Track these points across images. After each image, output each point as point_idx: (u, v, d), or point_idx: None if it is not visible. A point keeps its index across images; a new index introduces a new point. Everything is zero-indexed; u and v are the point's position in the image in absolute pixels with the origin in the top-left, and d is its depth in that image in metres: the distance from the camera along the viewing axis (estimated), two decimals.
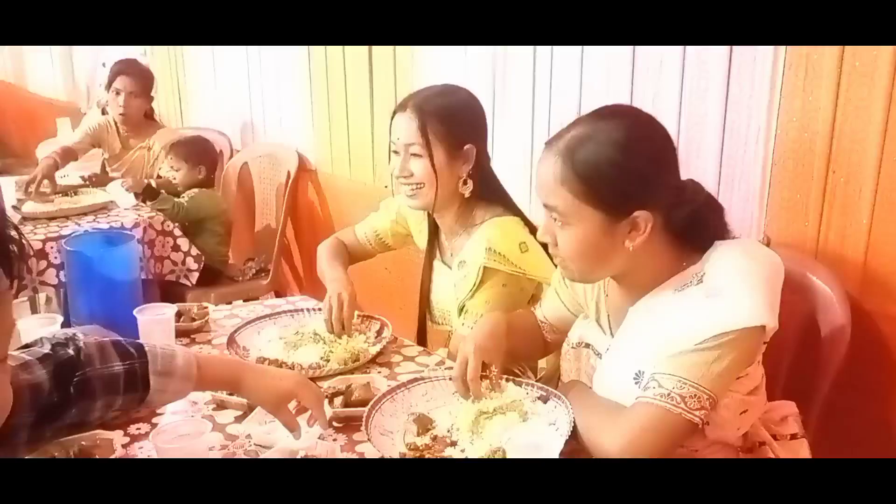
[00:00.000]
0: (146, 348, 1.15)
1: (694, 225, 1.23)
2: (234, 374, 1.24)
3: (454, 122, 1.63)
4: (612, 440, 1.17)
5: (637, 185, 1.17)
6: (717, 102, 1.70)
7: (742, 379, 1.23)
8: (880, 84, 1.41)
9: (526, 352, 1.55)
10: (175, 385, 1.16)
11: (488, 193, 1.69)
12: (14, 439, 0.97)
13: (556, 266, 1.53)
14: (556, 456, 1.18)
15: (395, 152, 1.67)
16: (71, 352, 1.07)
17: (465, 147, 1.64)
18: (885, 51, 1.40)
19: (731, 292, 1.16)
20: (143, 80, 3.26)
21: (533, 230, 1.67)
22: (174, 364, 1.16)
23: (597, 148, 1.16)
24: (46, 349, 1.06)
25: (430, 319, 1.83)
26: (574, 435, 1.23)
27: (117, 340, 1.16)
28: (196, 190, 2.97)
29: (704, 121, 1.73)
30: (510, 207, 1.70)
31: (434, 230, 1.80)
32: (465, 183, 1.65)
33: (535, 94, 2.13)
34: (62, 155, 3.17)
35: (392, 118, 1.67)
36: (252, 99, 3.42)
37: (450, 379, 1.39)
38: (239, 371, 1.26)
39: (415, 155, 1.63)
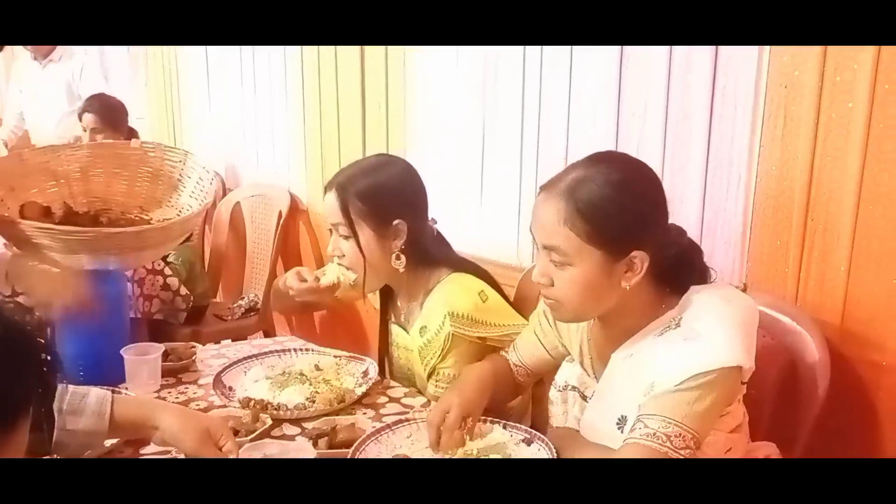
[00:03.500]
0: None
1: (676, 267, 1.27)
2: (152, 412, 1.26)
3: (378, 201, 1.60)
4: None
5: (636, 225, 1.22)
6: (699, 149, 1.74)
7: (724, 417, 1.26)
8: (856, 135, 1.45)
9: (501, 399, 1.54)
10: (85, 422, 1.15)
11: (432, 259, 1.67)
12: None
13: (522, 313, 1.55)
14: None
15: (329, 230, 1.67)
16: None
17: (395, 223, 1.61)
18: (860, 103, 1.44)
19: (708, 335, 1.19)
20: (106, 114, 3.25)
21: (485, 276, 1.67)
22: (84, 402, 1.16)
23: (598, 189, 1.20)
24: None
25: (392, 379, 1.77)
26: None
27: None
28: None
29: (687, 167, 1.77)
30: (457, 265, 1.67)
31: (387, 294, 1.78)
32: (398, 258, 1.63)
33: (524, 138, 2.17)
34: None
35: (323, 196, 1.66)
36: (245, 138, 3.46)
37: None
38: (157, 409, 1.28)
39: (343, 236, 1.63)
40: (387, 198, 1.61)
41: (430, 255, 1.67)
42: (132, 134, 3.43)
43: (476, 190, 2.35)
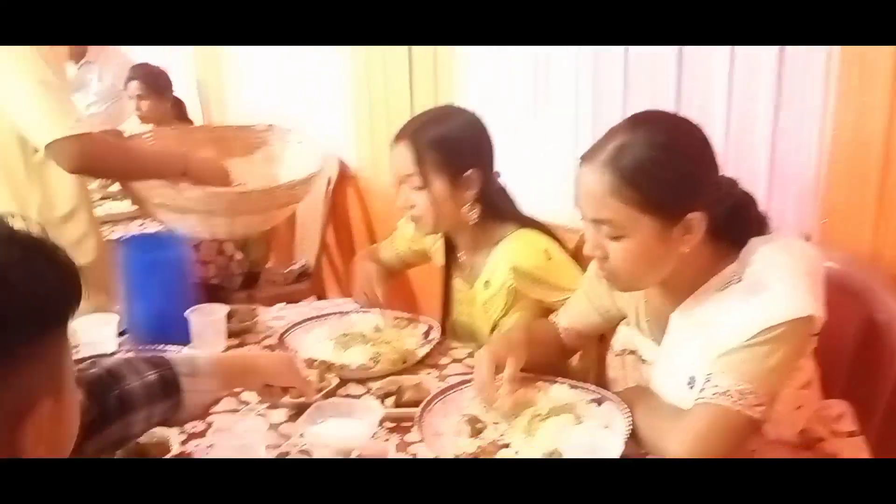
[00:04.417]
0: (165, 356, 1.20)
1: (733, 220, 1.23)
2: (248, 357, 1.42)
3: (452, 151, 1.57)
4: (675, 444, 1.16)
5: (687, 186, 1.17)
6: (767, 103, 1.68)
7: (795, 372, 1.22)
8: None
9: (547, 362, 1.49)
10: (202, 383, 1.20)
11: (500, 212, 1.65)
12: None
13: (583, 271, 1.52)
14: (615, 457, 1.18)
15: (398, 184, 1.64)
16: (97, 371, 1.10)
17: (467, 173, 1.58)
18: None
19: (774, 286, 1.15)
20: (148, 80, 3.29)
21: (551, 235, 1.64)
22: (195, 363, 1.21)
23: (642, 153, 1.15)
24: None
25: (454, 338, 1.75)
26: (634, 438, 1.23)
27: (136, 356, 1.20)
28: None
29: (754, 122, 1.72)
30: (524, 222, 1.65)
31: (449, 249, 1.77)
32: (471, 208, 1.61)
33: (578, 101, 2.12)
34: None
35: (391, 148, 1.63)
36: (293, 104, 3.45)
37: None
38: (250, 355, 1.46)
39: (415, 187, 1.60)
40: (460, 147, 1.59)
41: (498, 208, 1.65)
42: (178, 103, 3.46)
43: (529, 148, 2.31)
